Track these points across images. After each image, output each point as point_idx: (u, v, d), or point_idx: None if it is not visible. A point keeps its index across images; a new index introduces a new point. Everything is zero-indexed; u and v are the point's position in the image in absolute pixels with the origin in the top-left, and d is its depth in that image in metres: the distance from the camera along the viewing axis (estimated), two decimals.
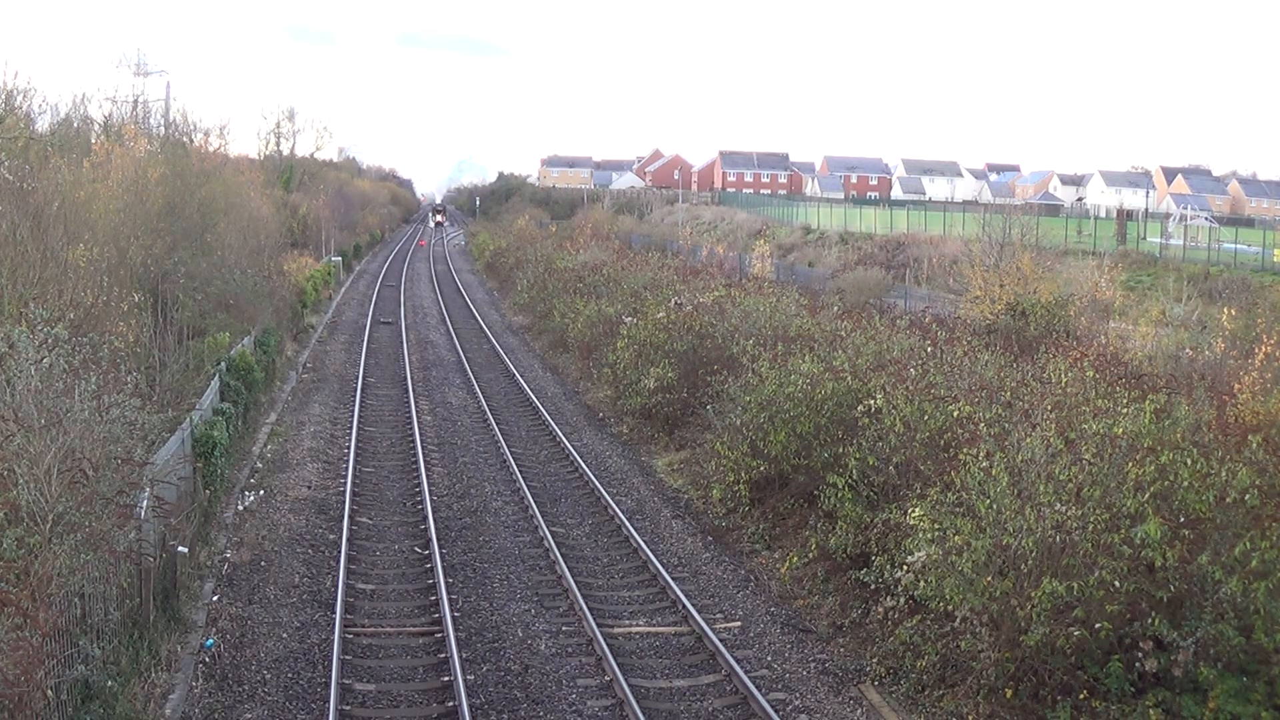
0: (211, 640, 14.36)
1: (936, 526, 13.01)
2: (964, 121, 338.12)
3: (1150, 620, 11.56)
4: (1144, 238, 63.11)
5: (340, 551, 17.57)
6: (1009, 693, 12.19)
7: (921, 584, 13.04)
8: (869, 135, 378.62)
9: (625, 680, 13.33)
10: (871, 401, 17.07)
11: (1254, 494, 11.77)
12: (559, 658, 14.39)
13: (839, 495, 16.16)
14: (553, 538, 18.75)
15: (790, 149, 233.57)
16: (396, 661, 14.16)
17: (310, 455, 24.41)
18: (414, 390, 31.93)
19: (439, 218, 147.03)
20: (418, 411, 28.88)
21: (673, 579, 16.96)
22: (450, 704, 12.87)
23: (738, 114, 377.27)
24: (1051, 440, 12.87)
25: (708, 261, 56.64)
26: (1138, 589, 11.68)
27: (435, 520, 19.55)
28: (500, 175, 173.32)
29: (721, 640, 14.69)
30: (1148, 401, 13.84)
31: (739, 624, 15.69)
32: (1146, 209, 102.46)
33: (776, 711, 12.74)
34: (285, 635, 14.77)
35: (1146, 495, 11.94)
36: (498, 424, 27.77)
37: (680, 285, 36.30)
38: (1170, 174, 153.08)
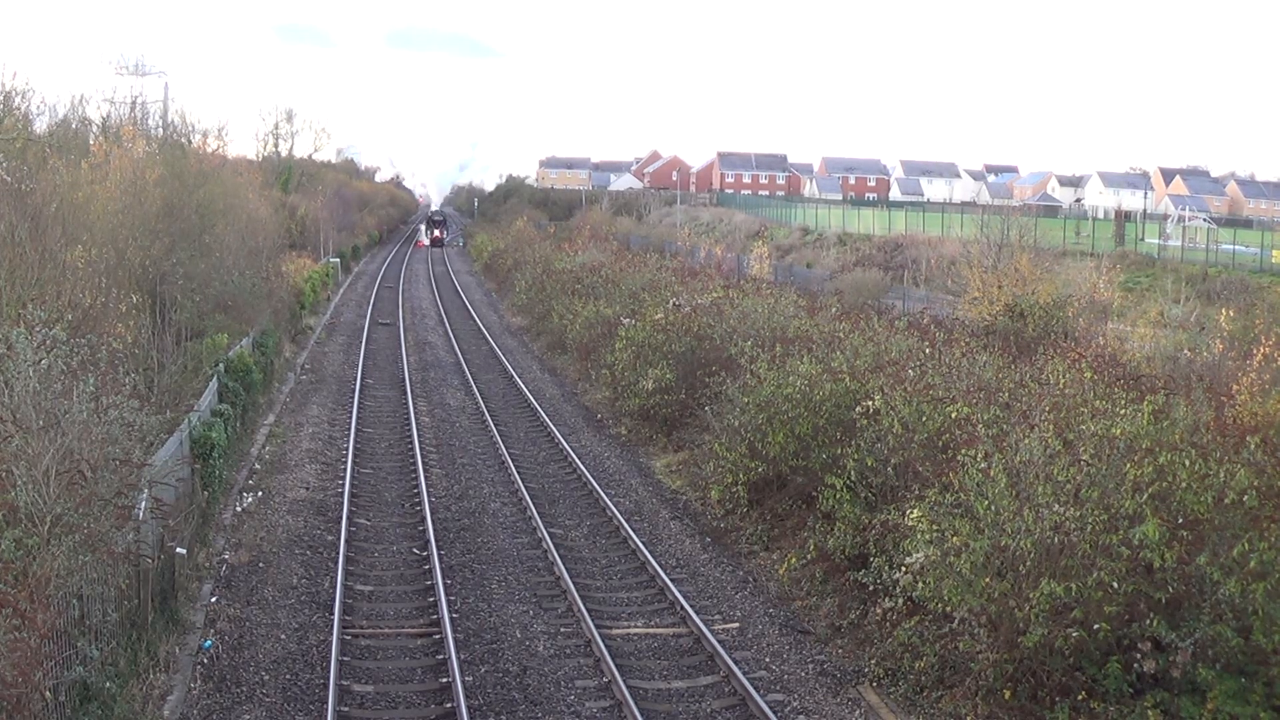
0: (210, 641, 14.36)
1: (935, 528, 13.01)
2: (962, 123, 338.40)
3: (1149, 621, 11.56)
4: (1142, 239, 63.22)
5: (339, 553, 17.57)
6: (1007, 694, 12.19)
7: (920, 585, 13.05)
8: (867, 136, 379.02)
9: (624, 681, 13.33)
10: (870, 403, 17.07)
11: (1252, 495, 11.78)
12: (557, 659, 14.38)
13: (837, 496, 16.16)
14: (551, 539, 18.75)
15: (788, 150, 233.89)
16: (395, 663, 14.15)
17: (308, 456, 24.40)
18: (412, 392, 31.93)
19: (436, 232, 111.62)
20: (416, 413, 28.87)
21: (671, 580, 16.96)
22: (449, 705, 12.87)
23: (736, 115, 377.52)
24: (1050, 441, 12.88)
25: (706, 262, 56.68)
26: (1136, 590, 11.69)
27: (433, 521, 19.55)
28: (509, 178, 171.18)
29: (720, 641, 14.70)
30: (1146, 402, 13.85)
31: (737, 625, 15.69)
32: (1145, 210, 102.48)
33: (775, 712, 12.74)
34: (284, 636, 14.76)
35: (1145, 496, 11.95)
36: (496, 425, 27.77)
37: (679, 286, 36.30)
38: (1168, 175, 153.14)
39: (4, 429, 11.52)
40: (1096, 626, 11.64)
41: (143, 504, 13.41)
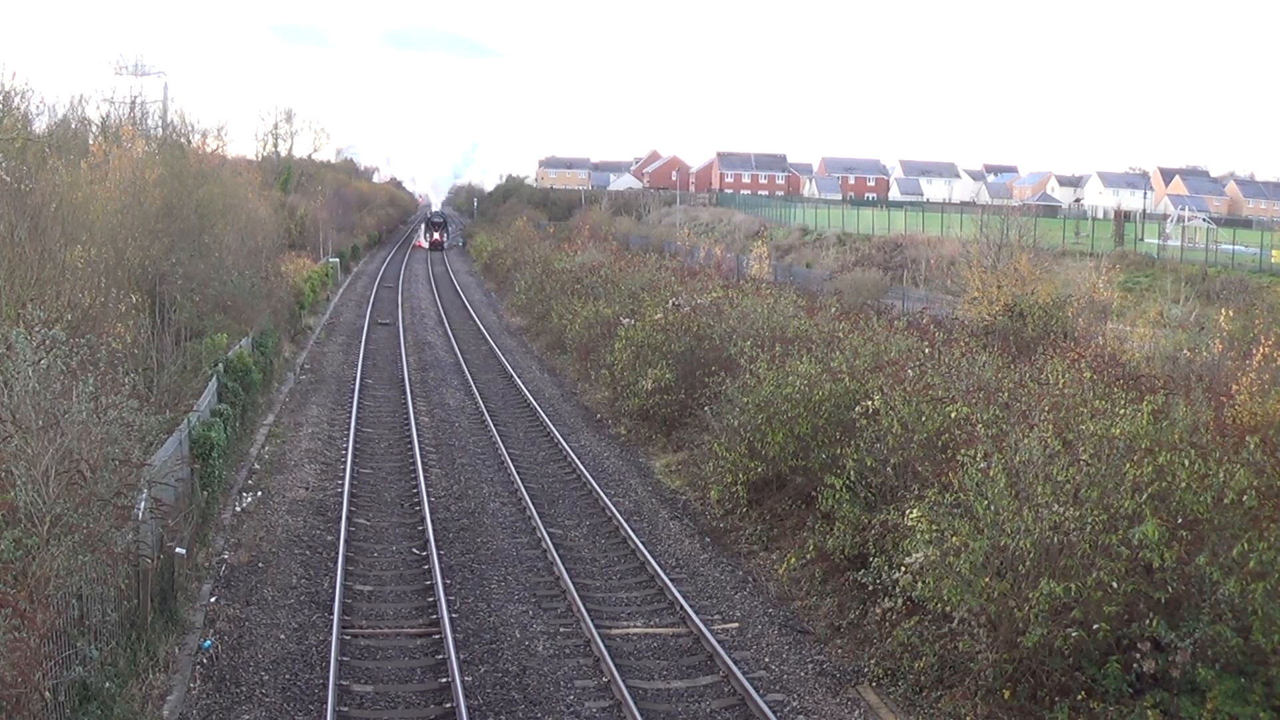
0: (209, 641, 14.36)
1: (934, 527, 13.01)
2: (961, 122, 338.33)
3: (1148, 621, 11.56)
4: (1141, 239, 63.23)
5: (338, 553, 17.57)
6: (1007, 693, 12.19)
7: (919, 585, 13.05)
8: (866, 136, 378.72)
9: (623, 681, 13.33)
10: (869, 403, 17.07)
11: (1252, 495, 11.78)
12: (557, 659, 14.38)
13: (837, 496, 16.16)
14: (550, 539, 18.75)
15: (788, 150, 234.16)
16: (394, 663, 14.15)
17: (308, 456, 24.39)
18: (412, 391, 31.93)
19: (436, 234, 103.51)
20: (415, 413, 28.87)
21: (670, 580, 16.96)
22: (448, 705, 12.87)
23: (735, 115, 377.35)
24: (1049, 441, 12.88)
25: (705, 262, 56.65)
26: (1136, 590, 11.69)
27: (433, 521, 19.55)
28: (509, 178, 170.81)
29: (719, 641, 14.70)
30: (1145, 402, 13.85)
31: (737, 625, 15.69)
32: (1144, 210, 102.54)
33: (774, 712, 12.73)
34: (283, 636, 14.76)
35: (1144, 496, 11.95)
36: (495, 425, 27.77)
37: (678, 286, 36.29)
38: (1168, 175, 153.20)
39: (3, 429, 11.51)
40: (1096, 626, 11.64)
41: (142, 504, 13.40)
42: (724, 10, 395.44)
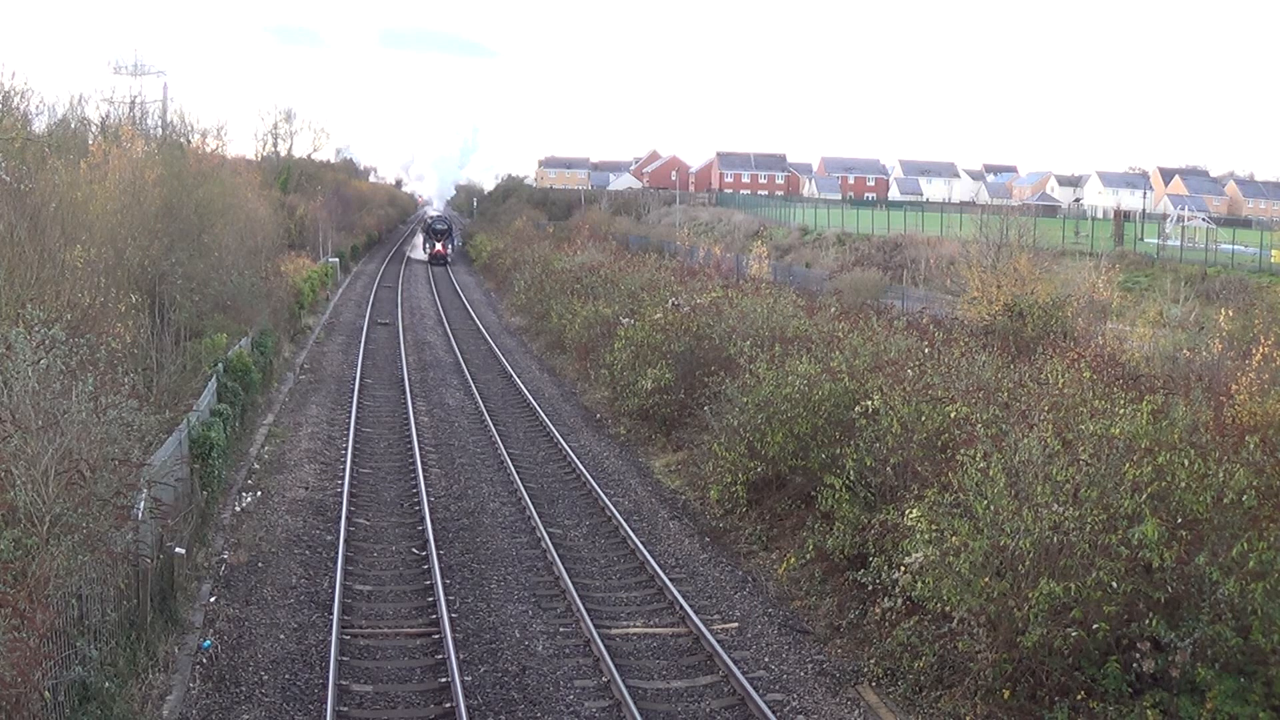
0: (209, 641, 14.36)
1: (934, 527, 13.02)
2: (961, 122, 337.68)
3: (1148, 621, 11.57)
4: (1141, 239, 63.27)
5: (338, 552, 17.57)
6: (1006, 693, 12.20)
7: (919, 585, 13.06)
8: (866, 136, 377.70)
9: (623, 681, 13.34)
10: (869, 402, 17.07)
11: (1251, 495, 11.79)
12: (556, 659, 14.38)
13: (836, 496, 16.17)
14: (550, 539, 18.75)
15: (787, 150, 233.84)
16: (394, 663, 14.15)
17: (307, 456, 24.39)
18: (411, 391, 31.93)
19: (438, 244, 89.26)
20: (415, 412, 28.87)
21: (670, 580, 16.96)
22: (448, 705, 12.87)
23: (735, 115, 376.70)
24: (1049, 441, 12.89)
25: (705, 262, 56.63)
26: (1135, 590, 11.70)
27: (432, 521, 19.55)
28: (508, 178, 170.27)
29: (719, 641, 14.70)
30: (1145, 402, 13.86)
31: (736, 625, 15.69)
32: (1144, 210, 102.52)
33: (774, 712, 12.74)
34: (283, 636, 14.76)
35: (1144, 496, 11.96)
36: (495, 425, 27.77)
37: (678, 286, 36.29)
38: (1167, 175, 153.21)
39: (3, 429, 11.51)
40: (1095, 626, 11.65)
41: (141, 504, 13.40)
42: (724, 10, 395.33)
